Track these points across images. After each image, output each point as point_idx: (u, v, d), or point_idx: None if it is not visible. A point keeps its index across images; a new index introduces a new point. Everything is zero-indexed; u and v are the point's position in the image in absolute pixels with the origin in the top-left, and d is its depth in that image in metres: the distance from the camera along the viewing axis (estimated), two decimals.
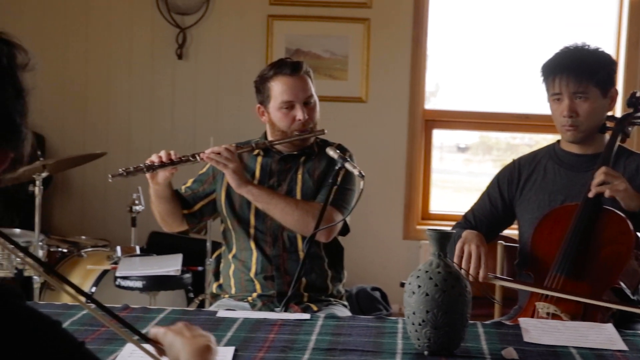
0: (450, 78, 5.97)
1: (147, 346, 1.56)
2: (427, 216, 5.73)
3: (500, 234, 3.35)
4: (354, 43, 5.57)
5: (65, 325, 2.36)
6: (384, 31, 5.56)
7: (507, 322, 2.67)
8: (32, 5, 5.71)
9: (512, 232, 3.39)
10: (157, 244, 5.13)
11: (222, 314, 2.62)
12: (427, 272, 2.21)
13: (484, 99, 5.82)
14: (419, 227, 5.61)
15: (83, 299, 1.52)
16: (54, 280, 1.55)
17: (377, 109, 5.59)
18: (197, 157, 3.10)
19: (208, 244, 4.67)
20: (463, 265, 2.82)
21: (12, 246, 1.32)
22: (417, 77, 5.59)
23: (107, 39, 5.71)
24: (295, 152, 3.25)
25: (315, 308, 3.11)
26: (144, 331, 1.61)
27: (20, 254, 1.41)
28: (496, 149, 6.14)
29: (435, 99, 5.98)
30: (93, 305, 1.61)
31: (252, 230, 3.20)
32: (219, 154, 3.08)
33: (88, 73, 5.73)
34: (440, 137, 5.90)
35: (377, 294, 5.17)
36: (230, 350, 2.17)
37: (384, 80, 5.58)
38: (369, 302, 5.10)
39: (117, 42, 5.70)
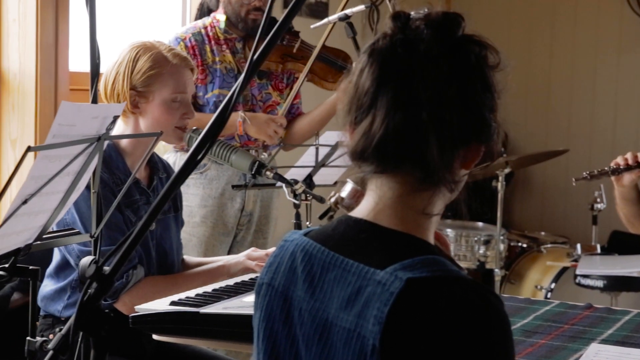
0: None
1: None
2: None
3: None
4: None
5: (527, 320, 2.40)
6: None
7: None
8: (498, 3, 5.87)
9: None
10: (619, 244, 4.98)
11: None
12: None
13: None
14: None
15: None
16: None
17: None
18: None
19: None
20: None
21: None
22: None
23: (573, 34, 5.67)
24: None
25: None
26: None
27: None
28: None
29: None
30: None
31: None
32: None
33: (552, 69, 5.75)
34: None
35: None
36: None
37: None
38: None
39: (582, 36, 5.65)
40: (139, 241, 1.38)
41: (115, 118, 1.63)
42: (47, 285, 2.47)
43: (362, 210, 1.31)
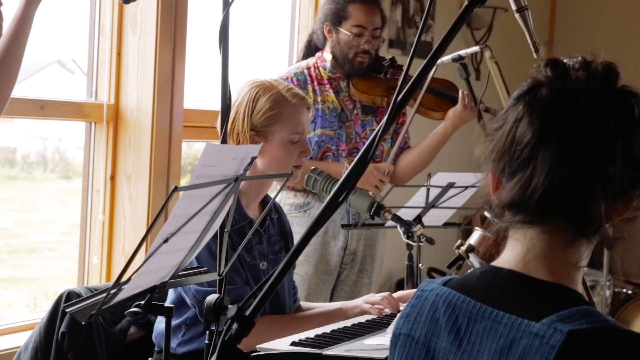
0: None
1: None
2: None
3: None
4: None
5: None
6: None
7: None
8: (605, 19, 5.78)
9: None
10: None
11: None
12: None
13: None
14: None
15: None
16: None
17: None
18: None
19: None
20: None
21: None
22: None
23: None
24: None
25: None
26: None
27: None
28: None
29: None
30: None
31: None
32: None
33: None
34: None
35: None
36: None
37: None
38: None
39: None
40: (279, 283, 1.39)
41: (253, 159, 1.64)
42: (162, 323, 2.49)
43: (507, 261, 1.28)
